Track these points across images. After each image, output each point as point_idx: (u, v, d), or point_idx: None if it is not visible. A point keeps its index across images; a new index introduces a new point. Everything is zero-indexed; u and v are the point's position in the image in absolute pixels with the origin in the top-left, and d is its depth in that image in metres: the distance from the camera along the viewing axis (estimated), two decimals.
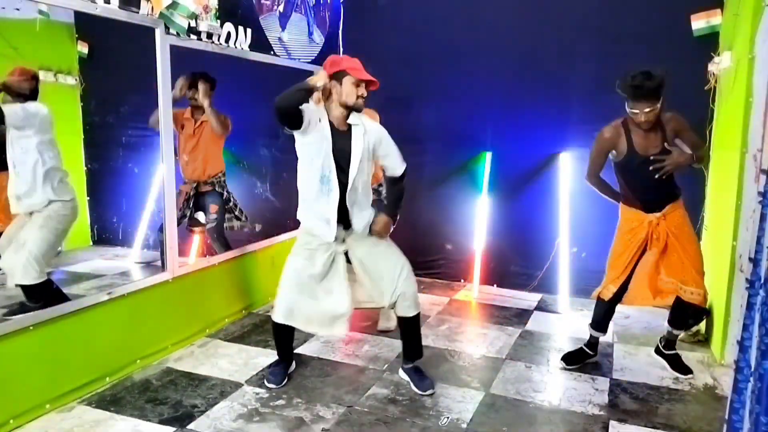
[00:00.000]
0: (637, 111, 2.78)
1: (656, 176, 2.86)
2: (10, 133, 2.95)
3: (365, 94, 2.80)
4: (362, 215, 2.93)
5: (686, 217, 3.04)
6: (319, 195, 2.82)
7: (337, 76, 2.75)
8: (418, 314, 3.00)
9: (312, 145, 2.78)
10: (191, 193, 3.95)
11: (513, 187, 4.62)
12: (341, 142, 2.81)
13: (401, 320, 3.00)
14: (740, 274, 3.17)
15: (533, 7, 4.43)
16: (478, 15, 4.57)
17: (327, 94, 2.79)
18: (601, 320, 3.23)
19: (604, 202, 3.25)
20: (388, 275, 2.92)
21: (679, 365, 3.21)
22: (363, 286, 3.00)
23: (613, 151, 3.00)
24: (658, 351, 3.33)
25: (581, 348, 3.32)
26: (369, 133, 2.87)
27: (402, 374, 3.11)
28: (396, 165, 2.96)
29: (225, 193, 4.05)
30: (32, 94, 3.02)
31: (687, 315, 3.11)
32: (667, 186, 2.98)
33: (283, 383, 3.01)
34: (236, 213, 4.11)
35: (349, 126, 2.84)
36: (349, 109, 2.80)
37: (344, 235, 2.92)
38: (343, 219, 2.87)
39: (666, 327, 3.24)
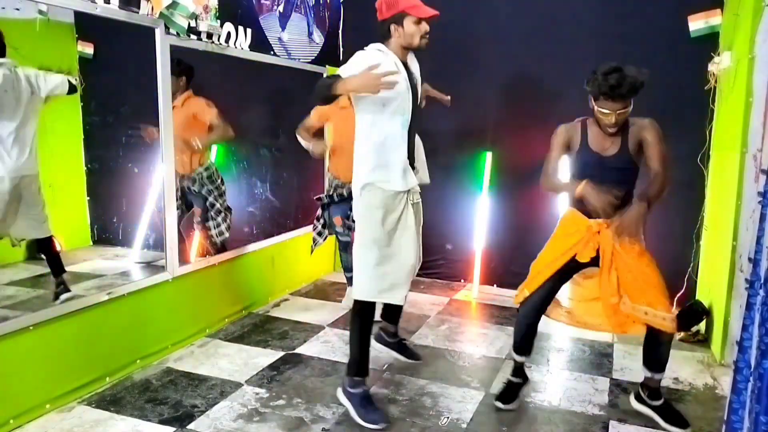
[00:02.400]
0: (608, 111, 2.43)
1: (612, 181, 2.53)
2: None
3: (428, 30, 2.57)
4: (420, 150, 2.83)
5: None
6: (401, 143, 2.58)
7: (395, 19, 2.53)
8: None
9: (393, 95, 2.49)
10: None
11: (513, 187, 4.62)
12: (408, 77, 2.61)
13: None
14: (740, 274, 3.17)
15: (533, 6, 4.43)
16: (477, 15, 4.57)
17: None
18: (519, 340, 2.78)
19: None
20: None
21: (674, 417, 2.63)
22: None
23: (569, 149, 2.67)
24: (640, 400, 2.73)
25: (507, 380, 2.89)
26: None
27: (383, 348, 3.21)
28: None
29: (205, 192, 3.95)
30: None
31: (663, 351, 2.58)
32: (622, 192, 2.57)
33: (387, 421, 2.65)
34: (218, 220, 3.99)
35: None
36: (413, 50, 2.62)
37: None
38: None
39: (643, 372, 2.67)
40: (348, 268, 4.01)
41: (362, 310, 2.71)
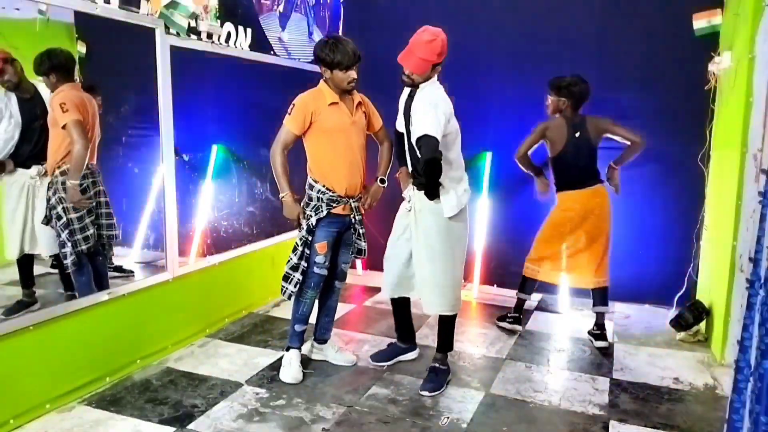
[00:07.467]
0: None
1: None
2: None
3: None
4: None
5: (608, 205, 3.58)
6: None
7: None
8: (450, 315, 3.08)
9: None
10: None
11: (513, 187, 4.62)
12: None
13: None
14: (740, 274, 3.17)
15: (533, 6, 4.43)
16: (478, 15, 4.57)
17: None
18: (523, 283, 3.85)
19: None
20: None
21: (599, 336, 3.59)
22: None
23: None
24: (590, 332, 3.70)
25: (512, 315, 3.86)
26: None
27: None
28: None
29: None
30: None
31: (602, 293, 3.61)
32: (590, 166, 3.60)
33: (387, 364, 3.22)
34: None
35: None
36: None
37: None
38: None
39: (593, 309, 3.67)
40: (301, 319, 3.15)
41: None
